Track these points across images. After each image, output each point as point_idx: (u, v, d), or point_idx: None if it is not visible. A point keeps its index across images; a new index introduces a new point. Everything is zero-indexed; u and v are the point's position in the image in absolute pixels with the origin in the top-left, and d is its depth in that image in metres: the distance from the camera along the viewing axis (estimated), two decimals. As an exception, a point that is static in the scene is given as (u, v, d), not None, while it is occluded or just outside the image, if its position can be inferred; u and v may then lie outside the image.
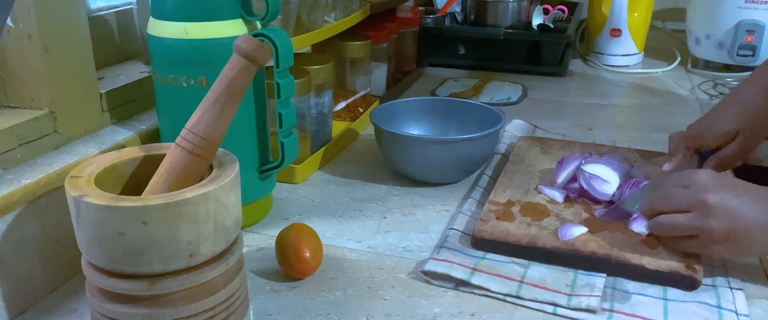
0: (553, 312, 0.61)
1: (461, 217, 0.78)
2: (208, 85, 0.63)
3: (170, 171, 0.51)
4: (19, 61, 0.66)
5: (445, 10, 1.57)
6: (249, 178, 0.74)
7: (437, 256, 0.68)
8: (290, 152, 0.75)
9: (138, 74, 0.84)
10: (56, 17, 0.67)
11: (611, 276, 0.66)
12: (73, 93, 0.70)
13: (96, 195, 0.46)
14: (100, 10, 0.88)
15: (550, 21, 1.52)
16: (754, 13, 1.37)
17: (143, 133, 0.76)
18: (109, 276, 0.48)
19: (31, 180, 0.61)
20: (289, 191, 0.87)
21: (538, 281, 0.65)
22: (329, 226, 0.77)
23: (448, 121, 0.97)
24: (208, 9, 0.67)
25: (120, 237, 0.46)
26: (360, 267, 0.69)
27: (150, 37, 0.69)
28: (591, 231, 0.71)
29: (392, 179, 0.90)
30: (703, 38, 1.45)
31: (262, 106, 0.74)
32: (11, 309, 0.60)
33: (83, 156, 0.68)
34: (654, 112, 1.20)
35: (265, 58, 0.51)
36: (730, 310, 0.61)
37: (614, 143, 1.01)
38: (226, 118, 0.51)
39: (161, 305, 0.48)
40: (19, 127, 0.64)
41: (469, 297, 0.64)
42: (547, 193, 0.80)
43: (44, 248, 0.63)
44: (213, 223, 0.48)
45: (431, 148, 0.84)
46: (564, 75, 1.44)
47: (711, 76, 1.43)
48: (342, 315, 0.61)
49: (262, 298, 0.64)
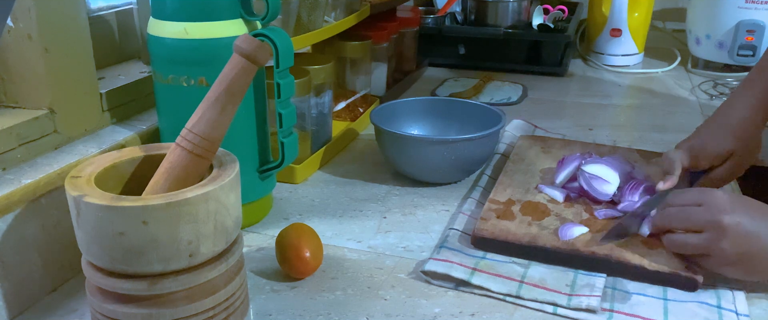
0: (553, 312, 0.61)
1: (461, 217, 0.78)
2: (208, 85, 0.63)
3: (170, 171, 0.51)
4: (19, 61, 0.66)
5: (445, 10, 1.57)
6: (249, 178, 0.74)
7: (437, 256, 0.68)
8: (290, 152, 0.75)
9: (138, 74, 0.84)
10: (56, 17, 0.67)
11: (611, 276, 0.66)
12: (73, 93, 0.70)
13: (96, 195, 0.46)
14: (100, 10, 0.88)
15: (550, 21, 1.52)
16: (755, 13, 1.37)
17: (143, 132, 0.76)
18: (109, 276, 0.48)
19: (31, 180, 0.61)
20: (289, 191, 0.87)
21: (538, 281, 0.65)
22: (329, 226, 0.77)
23: (448, 121, 0.97)
24: (209, 9, 0.67)
25: (120, 237, 0.46)
26: (360, 267, 0.69)
27: (150, 37, 0.69)
28: (591, 231, 0.71)
29: (392, 179, 0.90)
30: (704, 38, 1.45)
31: (262, 106, 0.74)
32: (11, 309, 0.60)
33: (83, 156, 0.68)
34: (654, 112, 1.20)
35: (265, 58, 0.51)
36: (730, 310, 0.61)
37: (614, 143, 1.01)
38: (227, 117, 0.51)
39: (161, 305, 0.48)
40: (19, 127, 0.64)
41: (469, 297, 0.64)
42: (548, 193, 0.80)
43: (44, 248, 0.63)
44: (213, 223, 0.48)
45: (431, 148, 0.84)
46: (564, 75, 1.44)
47: (711, 76, 1.43)
48: (342, 315, 0.61)
49: (262, 298, 0.64)
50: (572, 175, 0.82)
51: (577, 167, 0.81)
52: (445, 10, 1.56)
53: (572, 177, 0.82)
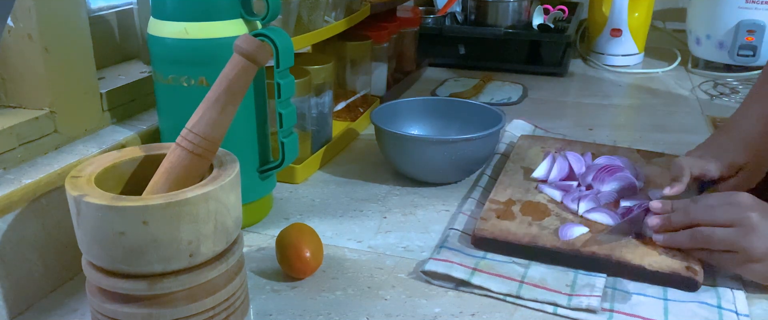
0: (553, 312, 0.61)
1: (461, 217, 0.78)
2: (209, 85, 0.63)
3: (171, 171, 0.51)
4: (20, 60, 0.66)
5: (446, 10, 1.56)
6: (249, 178, 0.74)
7: (437, 256, 0.68)
8: (290, 152, 0.75)
9: (138, 74, 0.84)
10: (56, 17, 0.67)
11: (611, 276, 0.66)
12: (73, 93, 0.70)
13: (96, 195, 0.46)
14: (101, 10, 0.88)
15: (550, 21, 1.52)
16: (755, 13, 1.37)
17: (144, 132, 0.76)
18: (110, 276, 0.48)
19: (31, 180, 0.61)
20: (289, 191, 0.87)
21: (539, 281, 0.65)
22: (329, 226, 0.77)
23: (448, 121, 0.97)
24: (209, 9, 0.67)
25: (120, 237, 0.46)
26: (360, 267, 0.69)
27: (150, 37, 0.69)
28: (591, 231, 0.71)
29: (392, 179, 0.90)
30: (704, 38, 1.45)
31: (262, 106, 0.74)
32: (11, 309, 0.60)
33: (84, 156, 0.68)
34: (654, 112, 1.20)
35: (265, 58, 0.51)
36: (731, 310, 0.61)
37: (614, 143, 1.01)
38: (227, 117, 0.51)
39: (161, 305, 0.48)
40: (19, 127, 0.64)
41: (469, 297, 0.64)
42: (548, 193, 0.80)
43: (44, 248, 0.63)
44: (213, 223, 0.48)
45: (432, 147, 0.84)
46: (564, 75, 1.44)
47: (711, 76, 1.43)
48: (342, 315, 0.61)
49: (262, 298, 0.64)
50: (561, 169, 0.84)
51: (553, 159, 0.85)
52: (445, 10, 1.56)
53: (569, 175, 0.83)
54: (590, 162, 0.86)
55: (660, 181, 0.82)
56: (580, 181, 0.82)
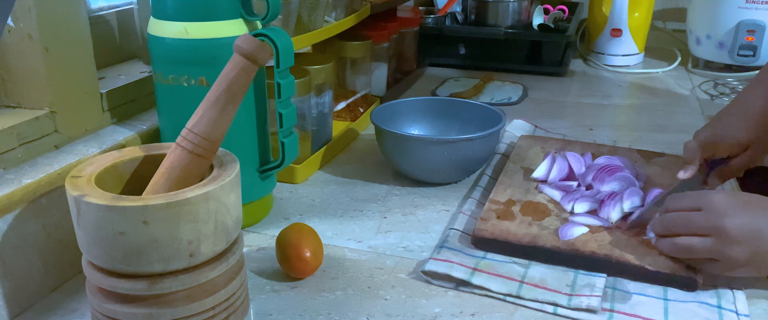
0: (553, 312, 0.61)
1: (461, 217, 0.78)
2: (209, 85, 0.63)
3: (171, 171, 0.51)
4: (20, 60, 0.66)
5: (446, 9, 1.56)
6: (249, 178, 0.74)
7: (437, 256, 0.68)
8: (291, 152, 0.75)
9: (138, 74, 0.84)
10: (57, 17, 0.67)
11: (611, 276, 0.66)
12: (73, 93, 0.70)
13: (96, 195, 0.46)
14: (101, 10, 0.88)
15: (550, 21, 1.52)
16: (755, 13, 1.37)
17: (144, 132, 0.76)
18: (110, 276, 0.48)
19: (31, 179, 0.61)
20: (289, 191, 0.87)
21: (539, 281, 0.65)
22: (330, 226, 0.77)
23: (448, 121, 0.97)
24: (209, 9, 0.67)
25: (120, 237, 0.46)
26: (360, 267, 0.69)
27: (150, 37, 0.69)
28: (591, 231, 0.71)
29: (392, 179, 0.90)
30: (704, 38, 1.45)
31: (262, 105, 0.74)
32: (11, 309, 0.60)
33: (84, 156, 0.68)
34: (654, 112, 1.20)
35: (265, 57, 0.51)
36: (731, 310, 0.61)
37: (615, 143, 1.01)
38: (227, 117, 0.51)
39: (161, 305, 0.48)
40: (19, 127, 0.64)
41: (469, 297, 0.64)
42: (548, 193, 0.80)
43: (44, 248, 0.63)
44: (213, 223, 0.48)
45: (432, 147, 0.84)
46: (564, 75, 1.44)
47: (711, 76, 1.43)
48: (342, 315, 0.61)
49: (262, 298, 0.64)
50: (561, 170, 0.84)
51: (553, 159, 0.85)
52: (445, 10, 1.56)
53: (569, 176, 0.83)
54: (590, 162, 0.86)
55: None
56: (580, 181, 0.82)
